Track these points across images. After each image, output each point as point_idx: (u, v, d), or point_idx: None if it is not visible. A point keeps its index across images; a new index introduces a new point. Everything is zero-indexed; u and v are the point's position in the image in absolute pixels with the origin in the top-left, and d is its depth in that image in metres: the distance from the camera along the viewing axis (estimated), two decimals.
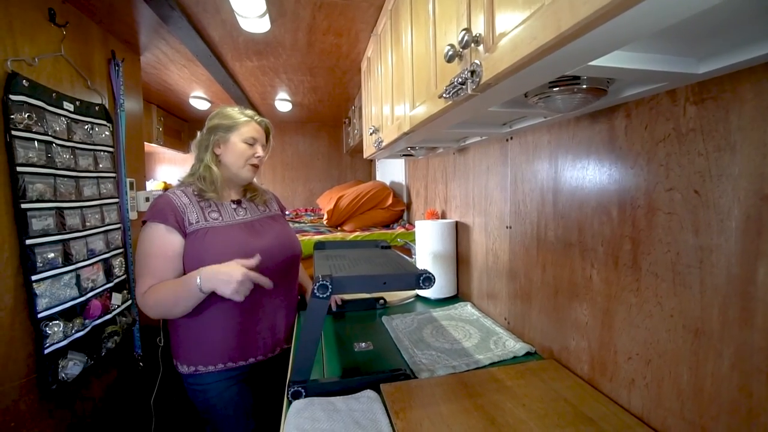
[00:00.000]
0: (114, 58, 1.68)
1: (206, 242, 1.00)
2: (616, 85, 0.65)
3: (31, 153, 1.13)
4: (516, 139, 1.07)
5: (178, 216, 1.00)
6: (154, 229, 0.98)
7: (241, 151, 1.11)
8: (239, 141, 1.10)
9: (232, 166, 1.11)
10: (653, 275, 0.64)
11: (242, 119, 1.11)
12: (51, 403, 1.15)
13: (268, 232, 1.13)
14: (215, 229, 1.03)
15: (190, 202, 1.05)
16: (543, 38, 0.42)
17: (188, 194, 1.06)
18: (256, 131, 1.13)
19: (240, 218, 1.11)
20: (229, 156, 1.10)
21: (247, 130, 1.11)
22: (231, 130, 1.10)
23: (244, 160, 1.11)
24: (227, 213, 1.10)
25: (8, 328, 1.03)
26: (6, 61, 1.07)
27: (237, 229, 1.07)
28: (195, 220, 1.02)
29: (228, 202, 1.13)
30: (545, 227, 0.94)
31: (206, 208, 1.06)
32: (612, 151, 0.73)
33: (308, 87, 2.55)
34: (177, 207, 1.01)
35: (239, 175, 1.12)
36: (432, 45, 0.81)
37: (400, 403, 0.73)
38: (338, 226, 2.28)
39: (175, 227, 0.99)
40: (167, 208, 1.00)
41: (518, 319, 1.08)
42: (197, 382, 1.03)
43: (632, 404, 0.68)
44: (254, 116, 1.15)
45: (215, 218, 1.06)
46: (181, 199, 1.04)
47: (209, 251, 0.99)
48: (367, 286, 0.75)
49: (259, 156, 1.13)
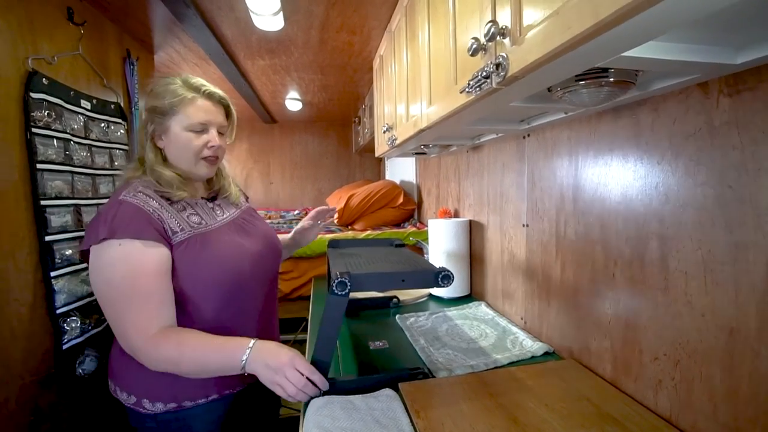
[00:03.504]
0: (129, 57, 1.69)
1: (205, 254, 0.80)
2: (643, 77, 0.63)
3: (50, 150, 1.15)
4: (533, 135, 1.06)
5: (156, 225, 0.76)
6: (127, 247, 0.72)
7: (186, 143, 0.82)
8: (181, 129, 0.81)
9: (179, 163, 0.84)
10: (682, 273, 0.62)
11: (183, 96, 0.80)
12: (68, 398, 1.16)
13: (254, 232, 0.95)
14: (205, 236, 0.82)
15: (161, 206, 0.80)
16: (578, 27, 0.40)
17: (152, 195, 0.80)
18: (207, 110, 0.83)
19: (221, 219, 0.90)
20: (173, 150, 0.83)
21: (192, 112, 0.81)
22: (169, 115, 0.81)
23: (192, 155, 0.83)
24: (206, 214, 0.87)
25: (28, 323, 1.05)
26: (27, 59, 1.08)
27: (226, 231, 0.88)
28: (179, 227, 0.79)
29: (201, 200, 0.90)
30: (565, 225, 0.93)
31: (182, 211, 0.83)
32: (637, 146, 0.71)
33: (319, 85, 2.55)
34: (150, 214, 0.77)
35: (192, 173, 0.86)
36: (452, 40, 0.80)
37: (420, 402, 0.72)
38: (349, 224, 2.28)
39: (156, 239, 0.75)
40: (139, 218, 0.75)
41: (535, 318, 1.07)
42: (177, 417, 0.81)
43: (659, 405, 0.67)
44: (202, 88, 0.83)
45: (198, 222, 0.84)
46: (150, 203, 0.78)
47: (208, 264, 0.80)
48: (385, 283, 0.74)
49: (213, 146, 0.84)
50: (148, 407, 0.80)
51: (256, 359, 0.71)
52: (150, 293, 0.73)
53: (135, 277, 0.72)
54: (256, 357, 0.71)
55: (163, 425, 0.81)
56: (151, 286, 0.73)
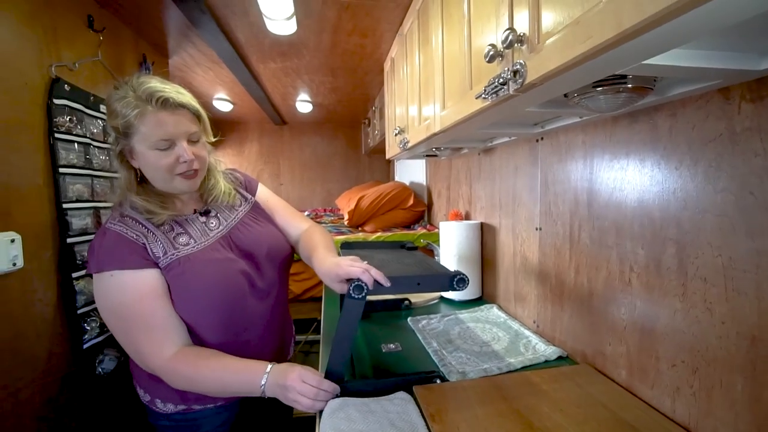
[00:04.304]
0: (145, 62, 1.72)
1: (190, 279, 0.76)
2: (662, 83, 0.63)
3: (71, 155, 1.18)
4: (547, 139, 1.05)
5: (140, 250, 0.74)
6: (118, 277, 0.72)
7: (154, 163, 0.74)
8: (146, 149, 0.73)
9: (155, 182, 0.78)
10: (701, 280, 0.62)
11: (135, 112, 0.70)
12: (88, 396, 1.19)
13: (252, 240, 0.88)
14: (190, 259, 0.77)
15: (147, 229, 0.76)
16: (600, 37, 0.41)
17: (138, 219, 0.77)
18: (165, 123, 0.72)
19: (215, 234, 0.84)
20: (146, 170, 0.77)
21: (150, 129, 0.72)
22: (129, 135, 0.73)
23: (165, 173, 0.76)
24: (197, 231, 0.82)
25: (51, 323, 1.08)
26: (50, 67, 1.11)
27: (217, 248, 0.82)
28: (162, 251, 0.75)
29: (193, 215, 0.84)
30: (579, 229, 0.92)
31: (169, 231, 0.79)
32: (654, 151, 0.71)
33: (329, 88, 2.57)
34: (134, 240, 0.74)
35: (174, 189, 0.80)
36: (467, 44, 0.80)
37: (435, 405, 0.73)
38: (359, 226, 2.29)
39: (143, 265, 0.73)
40: (121, 246, 0.73)
41: (548, 321, 1.06)
42: (187, 418, 0.82)
43: (677, 413, 0.66)
44: (155, 96, 0.71)
45: (185, 243, 0.79)
46: (134, 228, 0.76)
47: (195, 290, 0.76)
48: (401, 286, 0.75)
49: (186, 160, 0.75)
50: (160, 407, 0.82)
51: (272, 382, 0.72)
52: (152, 316, 0.73)
53: (133, 304, 0.72)
54: (272, 381, 0.73)
55: (176, 425, 0.83)
56: (151, 309, 0.73)
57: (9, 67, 0.99)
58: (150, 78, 0.75)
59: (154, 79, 0.75)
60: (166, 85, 0.75)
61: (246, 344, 0.84)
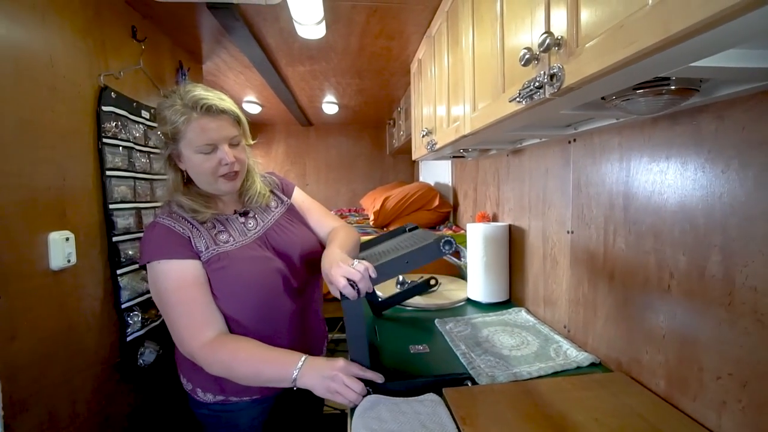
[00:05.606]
0: (181, 68, 1.80)
1: (229, 273, 0.82)
2: (708, 83, 0.60)
3: (116, 158, 1.25)
4: (580, 140, 1.03)
5: (185, 243, 0.81)
6: (165, 266, 0.79)
7: (199, 166, 0.81)
8: (192, 153, 0.80)
9: (200, 183, 0.85)
10: (751, 289, 0.59)
11: (182, 119, 0.77)
12: (130, 385, 1.26)
13: (287, 241, 0.93)
14: (230, 255, 0.83)
15: (192, 225, 0.83)
16: (644, 42, 0.40)
17: (185, 216, 0.84)
18: (209, 129, 0.79)
19: (253, 234, 0.90)
20: (191, 172, 0.84)
21: (195, 135, 0.78)
22: (176, 140, 0.80)
23: (209, 176, 0.82)
24: (236, 230, 0.88)
25: (99, 317, 1.15)
26: (99, 76, 1.19)
27: (255, 248, 0.88)
28: (204, 246, 0.82)
29: (233, 215, 0.91)
30: (614, 233, 0.90)
31: (211, 229, 0.85)
32: (698, 154, 0.68)
33: (355, 89, 2.59)
34: (179, 233, 0.82)
35: (217, 190, 0.86)
36: (499, 46, 0.79)
37: (465, 408, 0.73)
38: (384, 226, 2.30)
39: (188, 255, 0.80)
40: (169, 239, 0.81)
41: (580, 327, 1.04)
42: (225, 409, 0.88)
43: (723, 428, 0.63)
44: (200, 103, 0.77)
45: (225, 241, 0.85)
46: (180, 223, 0.83)
47: (233, 284, 0.82)
48: (390, 272, 0.74)
49: (227, 162, 0.81)
50: (201, 396, 0.88)
51: (307, 373, 0.74)
52: (193, 302, 0.79)
53: (176, 290, 0.79)
54: (307, 371, 0.74)
55: (214, 414, 0.89)
56: (192, 296, 0.79)
57: (66, 79, 1.07)
58: (195, 86, 0.82)
59: (199, 87, 0.82)
60: (209, 93, 0.81)
61: (277, 338, 0.87)
